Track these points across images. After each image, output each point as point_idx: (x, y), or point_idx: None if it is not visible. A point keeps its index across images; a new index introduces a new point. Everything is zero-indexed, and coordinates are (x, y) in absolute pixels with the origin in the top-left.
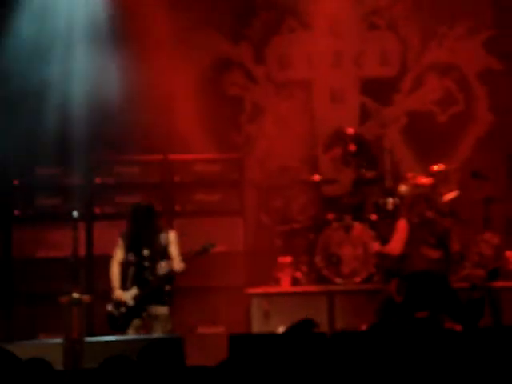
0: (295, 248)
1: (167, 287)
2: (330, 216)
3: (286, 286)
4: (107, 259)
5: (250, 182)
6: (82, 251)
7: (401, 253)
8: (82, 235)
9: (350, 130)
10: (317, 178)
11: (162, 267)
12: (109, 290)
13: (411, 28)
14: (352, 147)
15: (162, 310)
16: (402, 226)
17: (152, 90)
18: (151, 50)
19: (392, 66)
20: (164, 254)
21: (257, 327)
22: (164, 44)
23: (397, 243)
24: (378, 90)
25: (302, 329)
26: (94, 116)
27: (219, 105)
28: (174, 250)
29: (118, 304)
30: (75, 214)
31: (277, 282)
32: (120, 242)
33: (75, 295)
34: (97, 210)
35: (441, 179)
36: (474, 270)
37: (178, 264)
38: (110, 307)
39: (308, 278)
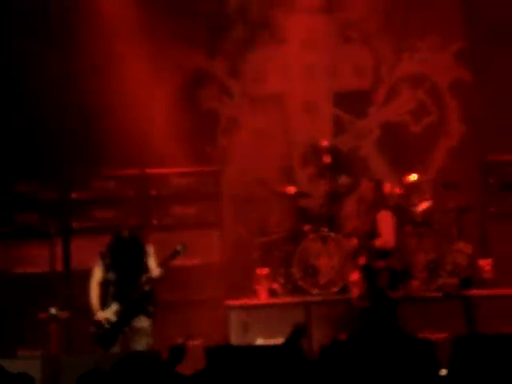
0: (272, 260)
1: (147, 300)
2: (307, 227)
3: (263, 297)
4: (85, 274)
5: (226, 195)
6: (60, 266)
7: (395, 244)
8: (60, 250)
9: (325, 143)
10: (292, 190)
11: (141, 279)
12: (87, 306)
13: (384, 41)
14: (327, 159)
15: (144, 323)
16: (386, 217)
17: (127, 105)
18: (125, 64)
19: (365, 79)
20: (143, 267)
21: (235, 339)
22: (139, 58)
23: (389, 235)
24: (352, 103)
25: (294, 338)
26: (70, 130)
27: (195, 119)
28: (151, 262)
29: (101, 324)
30: (52, 229)
31: (255, 293)
32: (99, 262)
33: (53, 311)
34: (74, 225)
35: (414, 189)
36: (448, 278)
37: (155, 271)
38: (93, 328)
39: (285, 290)
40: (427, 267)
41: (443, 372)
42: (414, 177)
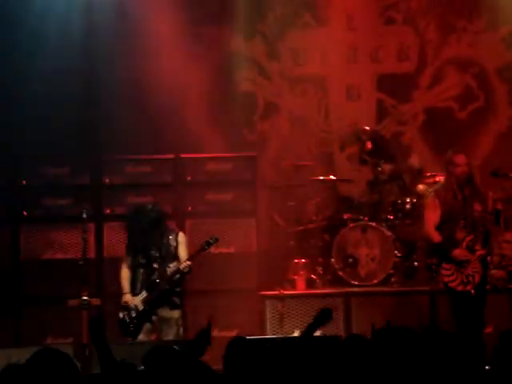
0: (310, 249)
1: (177, 289)
2: (346, 216)
3: (301, 288)
4: (118, 261)
5: (263, 182)
6: (92, 253)
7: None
8: (92, 237)
9: (367, 128)
10: (332, 177)
11: (170, 268)
12: (119, 292)
13: (429, 22)
14: (368, 145)
15: (172, 314)
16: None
17: (163, 88)
18: (162, 48)
19: (410, 62)
20: (173, 256)
21: (271, 330)
22: (175, 41)
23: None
24: (396, 86)
25: (319, 322)
26: (104, 115)
27: (231, 102)
28: (182, 252)
29: (128, 309)
30: (84, 214)
31: (292, 284)
32: (129, 247)
33: (85, 298)
34: (107, 211)
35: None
36: (496, 271)
37: (183, 263)
38: (120, 314)
39: (324, 280)
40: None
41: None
42: None
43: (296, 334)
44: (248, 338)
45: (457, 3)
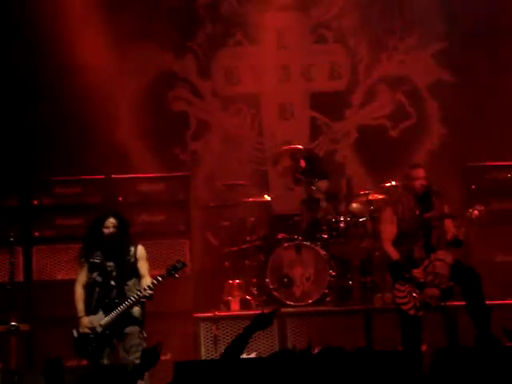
0: (245, 270)
1: (136, 309)
2: (281, 236)
3: (235, 309)
4: (48, 285)
5: (196, 202)
6: (21, 277)
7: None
8: (20, 260)
9: (300, 147)
10: (266, 196)
11: (128, 287)
12: (49, 317)
13: (360, 40)
14: (302, 164)
15: (132, 329)
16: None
17: (92, 108)
18: (91, 66)
19: (342, 80)
20: (132, 272)
21: (205, 353)
22: (104, 59)
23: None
24: (329, 105)
25: (258, 326)
26: (31, 135)
27: (163, 121)
28: (142, 268)
29: (85, 334)
30: (11, 238)
31: (226, 305)
32: (83, 263)
33: (13, 324)
34: (35, 234)
35: (389, 196)
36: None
37: (143, 291)
38: (75, 333)
39: (259, 301)
40: None
41: None
42: (393, 183)
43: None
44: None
45: (387, 22)
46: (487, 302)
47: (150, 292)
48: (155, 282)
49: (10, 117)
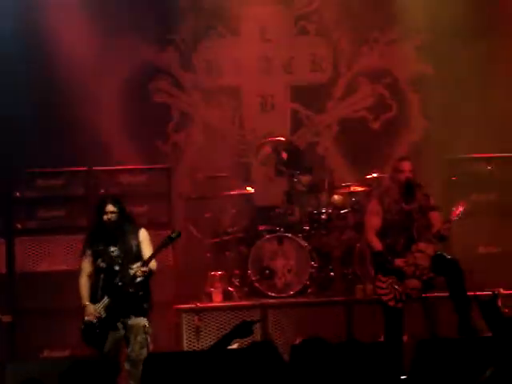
0: (227, 261)
1: (141, 293)
2: (262, 227)
3: (217, 300)
4: (30, 276)
5: (178, 194)
6: (3, 269)
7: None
8: (2, 252)
9: (282, 139)
10: (249, 188)
11: (132, 270)
12: (31, 309)
13: (342, 33)
14: (284, 156)
15: (139, 321)
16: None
17: (74, 100)
18: (73, 59)
19: (323, 72)
20: (136, 256)
21: (187, 344)
22: (86, 52)
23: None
24: (310, 97)
25: (237, 334)
26: (12, 127)
27: (145, 113)
28: (145, 249)
29: (90, 320)
30: None
31: (208, 296)
32: (87, 252)
33: None
34: (18, 225)
35: (375, 187)
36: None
37: (140, 267)
38: (82, 324)
39: (241, 292)
40: None
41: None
42: (374, 175)
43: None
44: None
45: (369, 14)
46: (468, 294)
47: (144, 268)
48: (149, 258)
49: None
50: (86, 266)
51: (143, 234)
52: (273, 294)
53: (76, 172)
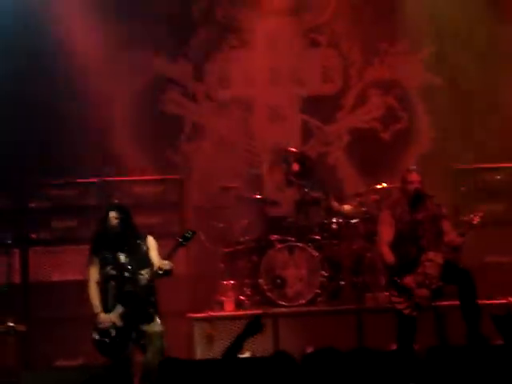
0: (239, 271)
1: (152, 299)
2: (274, 237)
3: (229, 309)
4: (44, 286)
5: (190, 204)
6: (17, 278)
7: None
8: (17, 262)
9: (293, 149)
10: (259, 198)
11: (143, 276)
12: (46, 318)
13: (352, 44)
14: (295, 167)
15: (154, 327)
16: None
17: (87, 111)
18: (87, 71)
19: (334, 83)
20: (145, 262)
21: (200, 353)
22: (99, 65)
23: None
24: (320, 108)
25: (249, 333)
26: (26, 138)
27: (157, 124)
28: (154, 256)
29: (106, 329)
30: (9, 240)
31: (220, 305)
32: (94, 260)
33: (10, 324)
34: (32, 236)
35: (384, 197)
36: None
37: (163, 263)
38: (95, 335)
39: (252, 301)
40: None
41: None
42: (384, 185)
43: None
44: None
45: (379, 27)
46: (478, 303)
47: (166, 262)
48: (168, 256)
49: (4, 119)
50: (94, 274)
51: (151, 241)
52: (284, 303)
53: (89, 183)
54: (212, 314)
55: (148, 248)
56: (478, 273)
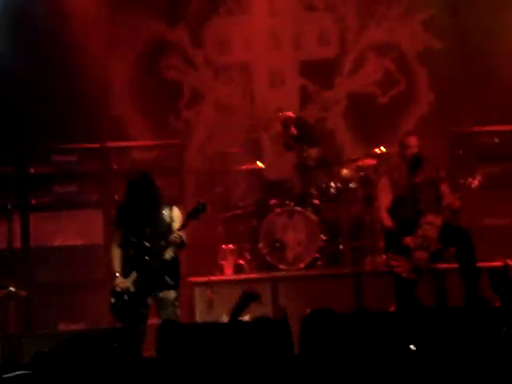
0: (238, 235)
1: (171, 269)
2: (273, 201)
3: (228, 273)
4: (45, 251)
5: (189, 169)
6: (18, 243)
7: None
8: (17, 227)
9: (291, 114)
10: (259, 163)
11: (162, 245)
12: (46, 283)
13: (349, 8)
14: (293, 130)
15: (167, 294)
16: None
17: (86, 76)
18: (85, 33)
19: (331, 48)
20: (166, 233)
21: (200, 316)
22: (96, 27)
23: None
24: (318, 72)
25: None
26: (27, 105)
27: (156, 90)
28: (177, 228)
29: (120, 292)
30: (9, 205)
31: (220, 269)
32: (118, 222)
33: (11, 289)
34: (33, 201)
35: (383, 162)
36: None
37: (174, 237)
38: (112, 298)
39: (252, 265)
40: None
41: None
42: (382, 149)
43: (224, 319)
44: (179, 322)
45: None
46: (477, 265)
47: (176, 234)
48: (180, 227)
49: (6, 86)
50: (118, 237)
51: (176, 213)
52: (283, 267)
53: (89, 148)
54: (212, 278)
55: (172, 219)
56: (476, 235)
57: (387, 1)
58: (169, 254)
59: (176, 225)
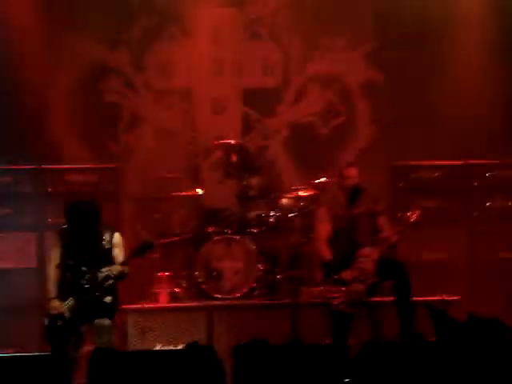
0: (174, 262)
1: (108, 298)
2: (211, 229)
3: (163, 301)
4: None
5: (127, 194)
6: None
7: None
8: None
9: (232, 141)
10: (198, 190)
11: (102, 273)
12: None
13: (294, 38)
14: (233, 158)
15: (103, 322)
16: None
17: (24, 96)
18: (23, 54)
19: (274, 77)
20: (107, 259)
21: (133, 344)
22: (37, 47)
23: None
24: (261, 101)
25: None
26: None
27: (96, 112)
28: (118, 255)
29: (54, 316)
30: None
31: (155, 297)
32: (57, 243)
33: None
34: None
35: (322, 192)
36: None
37: (114, 268)
38: (45, 319)
39: (188, 293)
40: None
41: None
42: (322, 180)
43: (157, 347)
44: (112, 350)
45: (321, 21)
46: (413, 299)
47: (117, 269)
48: (123, 262)
49: None
50: (56, 257)
51: (117, 239)
52: (219, 296)
53: (25, 170)
54: (146, 305)
55: (113, 245)
56: (413, 270)
57: (332, 32)
58: (107, 283)
59: (116, 250)
